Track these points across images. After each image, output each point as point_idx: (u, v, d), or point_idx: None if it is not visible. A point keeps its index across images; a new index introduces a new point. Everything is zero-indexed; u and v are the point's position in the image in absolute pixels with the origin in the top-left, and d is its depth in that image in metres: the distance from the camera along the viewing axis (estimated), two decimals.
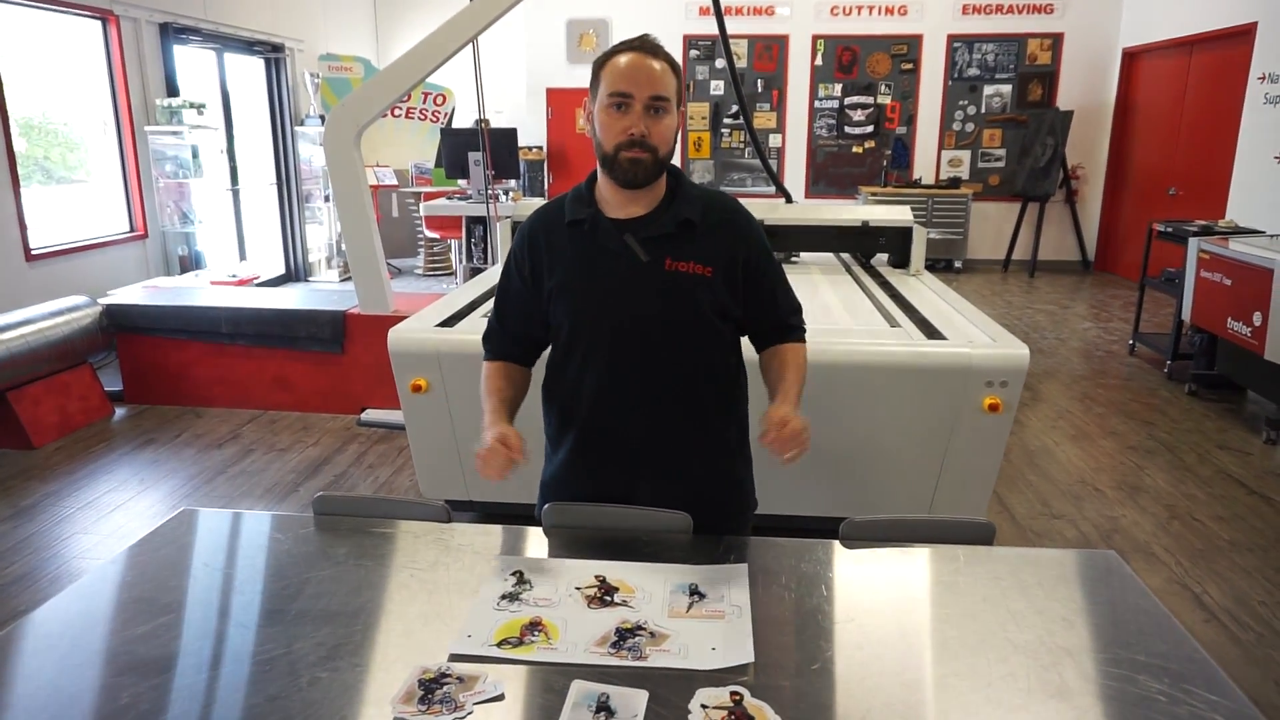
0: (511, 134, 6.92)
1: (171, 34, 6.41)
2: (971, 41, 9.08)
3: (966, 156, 9.35)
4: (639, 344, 1.56)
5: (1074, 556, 1.52)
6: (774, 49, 9.32)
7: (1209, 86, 7.40)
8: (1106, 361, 5.71)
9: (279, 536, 1.53)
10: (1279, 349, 4.03)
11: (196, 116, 6.38)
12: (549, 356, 1.67)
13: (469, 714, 1.05)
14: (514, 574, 1.36)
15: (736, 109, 9.35)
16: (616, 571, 1.36)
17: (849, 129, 9.46)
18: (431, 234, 7.62)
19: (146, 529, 1.55)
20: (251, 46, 7.65)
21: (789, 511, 2.57)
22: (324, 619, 1.25)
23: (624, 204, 1.56)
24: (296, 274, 8.41)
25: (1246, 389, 4.78)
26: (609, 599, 1.28)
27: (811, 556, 1.45)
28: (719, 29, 4.61)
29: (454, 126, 8.55)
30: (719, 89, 9.48)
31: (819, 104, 9.42)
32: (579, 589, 1.31)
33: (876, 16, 9.12)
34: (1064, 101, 8.99)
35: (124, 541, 3.16)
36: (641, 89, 1.46)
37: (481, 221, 6.68)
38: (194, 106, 6.36)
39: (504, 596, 1.30)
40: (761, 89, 9.42)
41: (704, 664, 1.13)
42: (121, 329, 4.71)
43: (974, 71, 9.16)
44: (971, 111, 9.25)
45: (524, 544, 1.51)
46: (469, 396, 2.86)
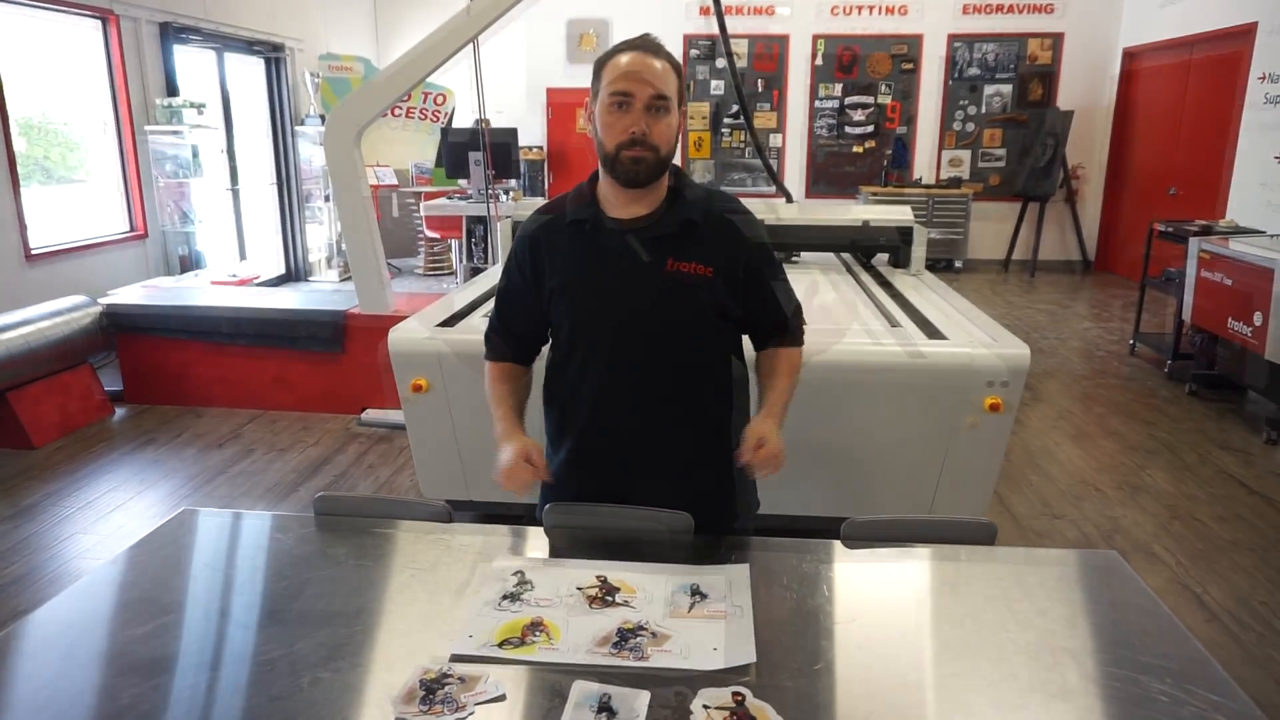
0: (511, 134, 6.92)
1: (171, 34, 6.40)
2: (972, 41, 9.08)
3: (967, 156, 9.34)
4: (640, 344, 1.56)
5: (1075, 556, 1.52)
6: (774, 49, 9.32)
7: (1209, 86, 7.40)
8: (1107, 361, 5.71)
9: (280, 537, 1.53)
10: (1279, 349, 4.03)
11: (196, 116, 6.38)
12: (549, 357, 1.67)
13: (470, 714, 1.05)
14: (515, 574, 1.36)
15: (737, 109, 9.35)
16: (618, 572, 1.35)
17: (849, 129, 9.45)
18: (432, 234, 7.62)
19: (147, 529, 1.55)
20: (251, 46, 7.64)
21: (790, 512, 2.56)
22: (325, 619, 1.25)
23: (625, 204, 1.56)
24: (296, 274, 8.41)
25: (1247, 389, 4.78)
26: (610, 599, 1.28)
27: (813, 557, 1.45)
28: (719, 29, 4.60)
29: (454, 126, 8.55)
30: (719, 89, 9.48)
31: (819, 104, 9.42)
32: (580, 589, 1.31)
33: (877, 16, 9.11)
34: (1064, 101, 8.98)
35: (124, 541, 3.14)
36: (642, 88, 1.46)
37: (482, 221, 6.68)
38: (194, 106, 6.35)
39: (505, 597, 1.29)
40: (762, 89, 9.41)
41: (705, 664, 1.13)
42: (122, 329, 4.70)
43: (974, 71, 9.15)
44: (972, 111, 9.24)
45: (525, 544, 1.51)
46: (469, 397, 2.86)
